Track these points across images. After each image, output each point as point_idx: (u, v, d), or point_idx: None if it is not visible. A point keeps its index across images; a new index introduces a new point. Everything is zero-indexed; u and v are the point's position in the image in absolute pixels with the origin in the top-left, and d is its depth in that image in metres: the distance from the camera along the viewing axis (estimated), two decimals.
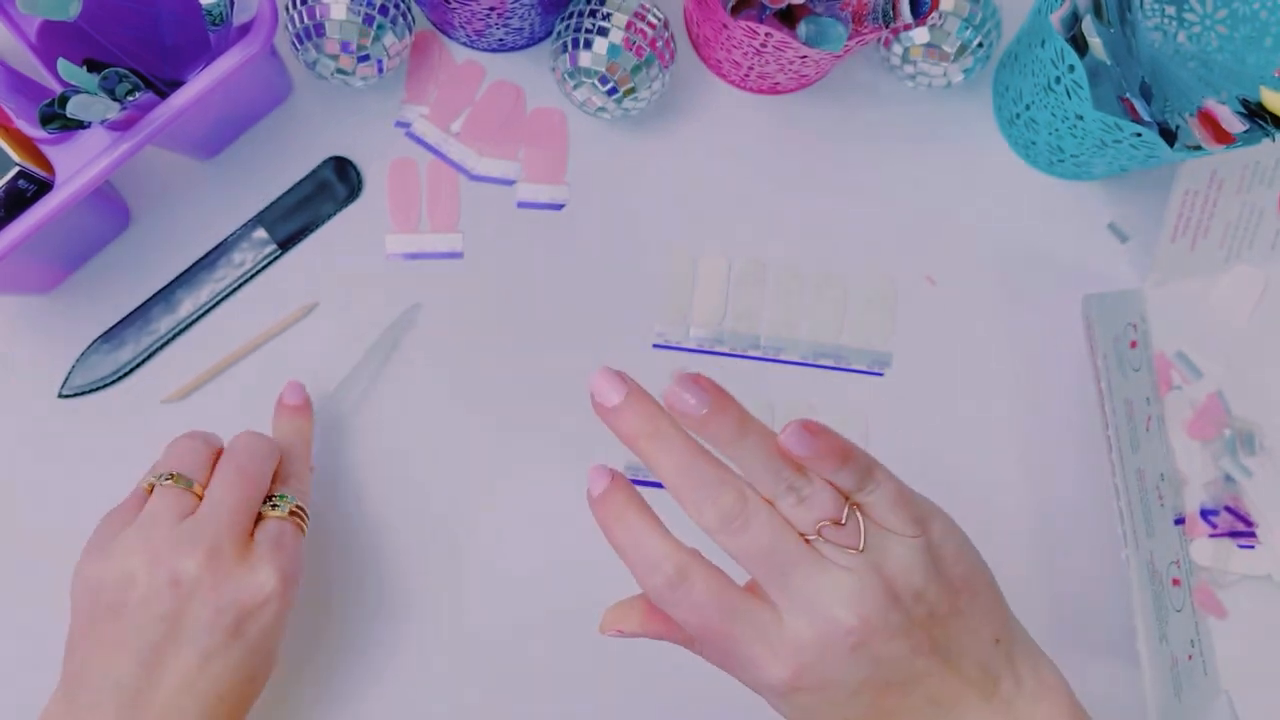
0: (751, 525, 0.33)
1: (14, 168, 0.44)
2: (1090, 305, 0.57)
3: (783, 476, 0.33)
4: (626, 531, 0.34)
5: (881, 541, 0.34)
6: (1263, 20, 0.52)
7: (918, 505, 0.35)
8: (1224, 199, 0.56)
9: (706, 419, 0.33)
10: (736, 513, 0.33)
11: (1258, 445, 0.53)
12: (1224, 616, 0.52)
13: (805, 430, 0.33)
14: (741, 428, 0.33)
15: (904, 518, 0.34)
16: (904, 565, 0.33)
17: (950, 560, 0.35)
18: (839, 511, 0.33)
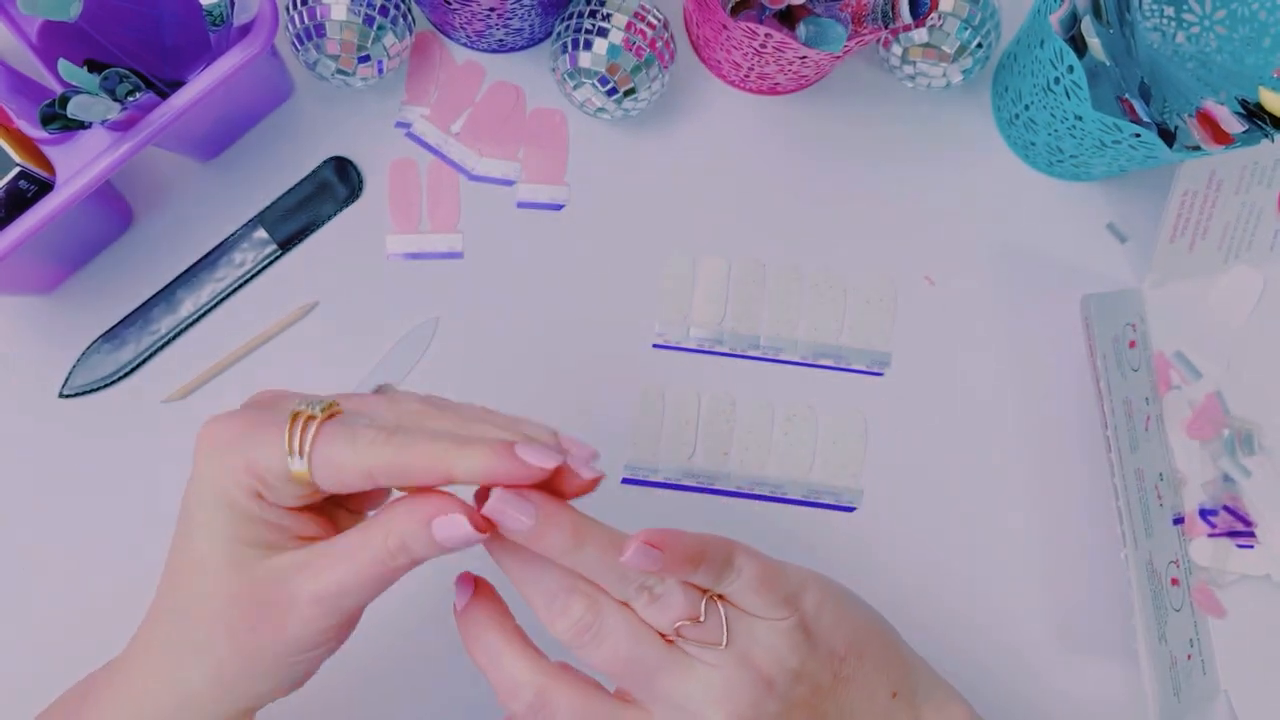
0: (607, 635, 0.32)
1: (15, 168, 0.44)
2: (1089, 305, 0.57)
3: (631, 578, 0.32)
4: (485, 652, 0.33)
5: (749, 630, 0.33)
6: (1261, 21, 0.52)
7: (786, 581, 0.34)
8: (1223, 199, 0.56)
9: (535, 535, 0.30)
10: (589, 623, 0.32)
11: (1256, 445, 0.53)
12: (1223, 616, 0.52)
13: (649, 546, 0.31)
14: (576, 538, 0.31)
15: (770, 601, 0.33)
16: (774, 650, 0.32)
17: (829, 629, 0.34)
18: (696, 608, 0.32)
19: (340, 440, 0.30)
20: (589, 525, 0.31)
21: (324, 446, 0.30)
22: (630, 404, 0.55)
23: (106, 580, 0.51)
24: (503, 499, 0.30)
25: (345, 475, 0.30)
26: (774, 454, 0.55)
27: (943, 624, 0.54)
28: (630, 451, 0.55)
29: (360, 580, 0.31)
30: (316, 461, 0.30)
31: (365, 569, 0.30)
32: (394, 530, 0.30)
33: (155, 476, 0.53)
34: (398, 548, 0.30)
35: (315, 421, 0.30)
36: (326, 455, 0.30)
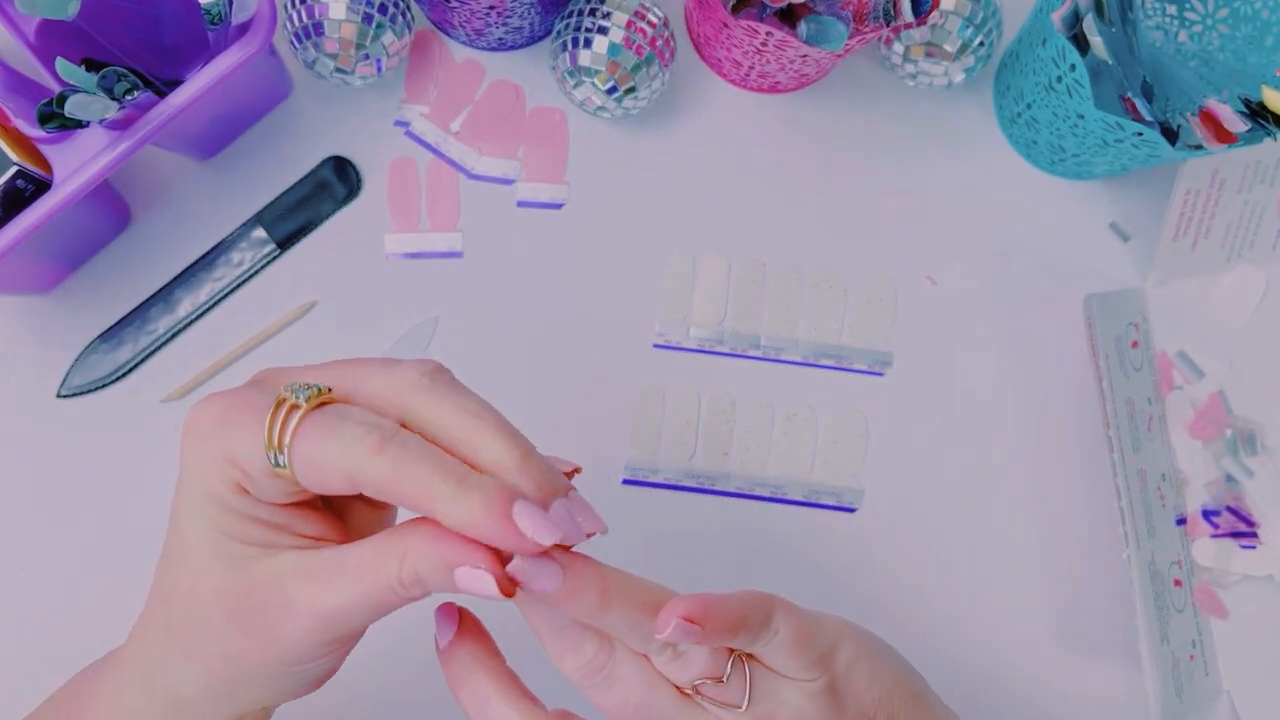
0: (619, 680, 0.30)
1: (12, 167, 0.44)
2: (1091, 305, 0.57)
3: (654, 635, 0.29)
4: (472, 698, 0.30)
5: (775, 691, 0.31)
6: (1264, 19, 0.52)
7: (820, 641, 0.32)
8: (1225, 198, 0.56)
9: (560, 598, 0.28)
10: (600, 664, 0.30)
11: (1259, 445, 0.53)
12: (1225, 617, 0.52)
13: (689, 623, 0.28)
14: (604, 600, 0.28)
15: (803, 663, 0.31)
16: (800, 713, 0.31)
17: (860, 689, 0.32)
18: (720, 668, 0.30)
19: (325, 436, 0.26)
20: (617, 585, 0.29)
21: (305, 442, 0.26)
22: (630, 404, 0.55)
23: (105, 580, 0.51)
24: (527, 561, 0.27)
25: (327, 478, 0.27)
26: (774, 454, 0.55)
27: (944, 625, 0.54)
28: (630, 451, 0.55)
29: (366, 603, 0.27)
30: (296, 459, 0.26)
31: (373, 593, 0.27)
32: (409, 560, 0.27)
33: (154, 476, 0.52)
34: (412, 580, 0.27)
35: (299, 411, 0.27)
36: (307, 452, 0.26)
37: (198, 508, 0.28)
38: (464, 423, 0.27)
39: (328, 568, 0.28)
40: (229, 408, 0.28)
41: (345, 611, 0.28)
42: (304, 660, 0.29)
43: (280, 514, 0.29)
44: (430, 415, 0.28)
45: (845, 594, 0.54)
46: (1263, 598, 0.52)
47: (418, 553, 0.27)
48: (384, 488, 0.26)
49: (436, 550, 0.27)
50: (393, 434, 0.26)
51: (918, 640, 0.54)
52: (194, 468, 0.28)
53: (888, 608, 0.54)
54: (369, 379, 0.29)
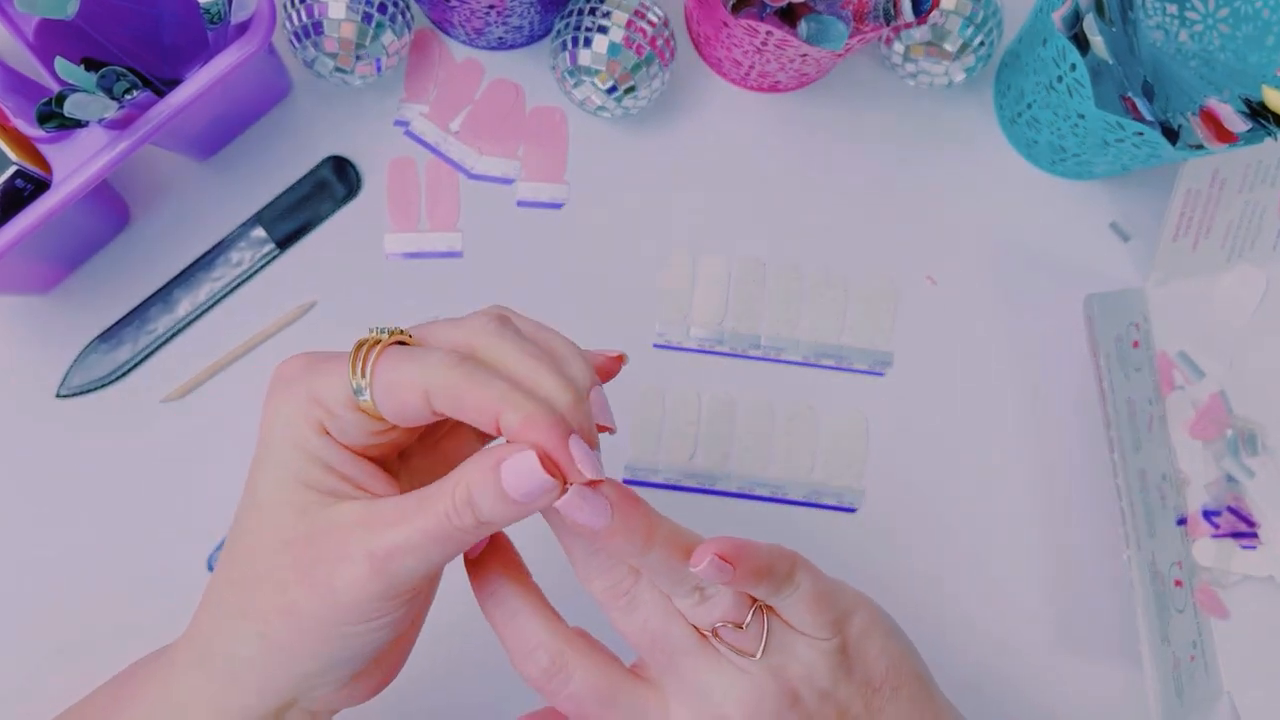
0: (641, 604, 0.31)
1: (11, 167, 0.44)
2: (1092, 305, 0.56)
3: (688, 580, 0.31)
4: (501, 609, 0.31)
5: (788, 643, 0.32)
6: (1265, 19, 0.52)
7: (837, 604, 0.33)
8: (1226, 198, 0.56)
9: (606, 536, 0.29)
10: (627, 588, 0.31)
11: (1260, 445, 0.53)
12: (1226, 617, 0.52)
13: (722, 560, 0.29)
14: (647, 542, 0.29)
15: (819, 621, 0.32)
16: (810, 668, 0.32)
17: (871, 658, 0.33)
18: (742, 614, 0.31)
19: (403, 359, 0.28)
20: (659, 526, 0.30)
21: (386, 365, 0.28)
22: (630, 404, 0.55)
23: (105, 580, 0.51)
24: (580, 494, 0.28)
25: (404, 394, 0.28)
26: (775, 454, 0.55)
27: (944, 625, 0.54)
28: (630, 451, 0.55)
29: (420, 539, 0.28)
30: (378, 382, 0.28)
31: (427, 526, 0.28)
32: (461, 481, 0.28)
33: (154, 476, 0.52)
34: (463, 501, 0.28)
35: (381, 345, 0.29)
36: (387, 374, 0.28)
37: (275, 455, 0.29)
38: (526, 364, 0.29)
39: (385, 512, 0.29)
40: (314, 357, 0.30)
41: (400, 551, 0.28)
42: (358, 616, 0.29)
43: (353, 464, 0.30)
44: (496, 355, 0.29)
45: None
46: (1263, 598, 0.52)
47: (465, 472, 0.28)
48: (459, 395, 0.27)
49: (481, 460, 0.28)
50: (467, 357, 0.28)
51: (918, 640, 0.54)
52: (278, 412, 0.29)
53: (888, 608, 0.54)
54: (440, 331, 0.31)
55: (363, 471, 0.30)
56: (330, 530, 0.29)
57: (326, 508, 0.29)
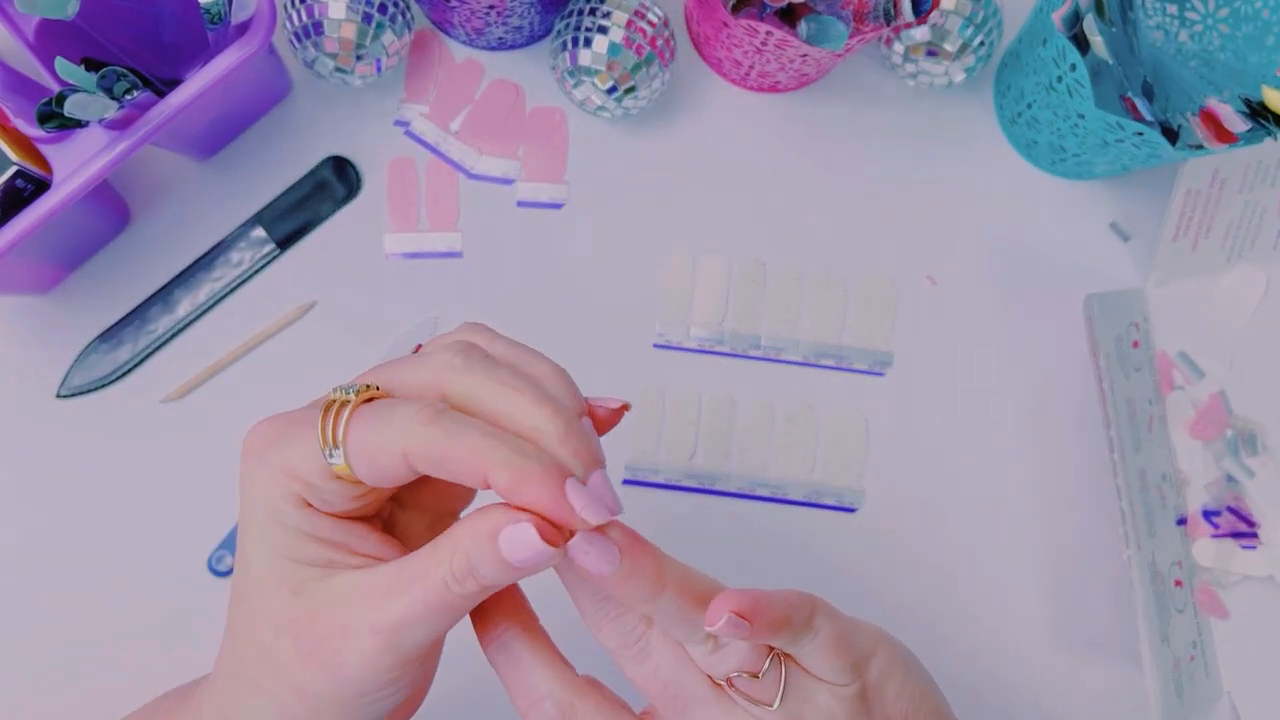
0: (653, 652, 0.30)
1: (11, 167, 0.44)
2: (1092, 305, 0.56)
3: (700, 626, 0.29)
4: (506, 656, 0.30)
5: (806, 691, 0.31)
6: (1265, 19, 0.52)
7: (856, 647, 0.32)
8: (1226, 198, 0.56)
9: (614, 582, 0.28)
10: (639, 636, 0.30)
11: (1260, 445, 0.53)
12: (1226, 617, 0.52)
13: (739, 617, 0.28)
14: (658, 587, 0.28)
15: (838, 666, 0.31)
16: (828, 716, 0.30)
17: (890, 699, 0.32)
18: (758, 663, 0.30)
19: (376, 422, 0.26)
20: (669, 571, 0.28)
21: (358, 430, 0.26)
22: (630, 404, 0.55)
23: (105, 580, 0.51)
24: (586, 539, 0.27)
25: (384, 461, 0.26)
26: (775, 454, 0.55)
27: (944, 625, 0.54)
28: (630, 452, 0.55)
29: (423, 610, 0.27)
30: (352, 449, 0.26)
31: (429, 596, 0.27)
32: (459, 549, 0.27)
33: (154, 476, 0.52)
34: (463, 571, 0.26)
35: (350, 405, 0.27)
36: (361, 439, 0.26)
37: (260, 533, 0.28)
38: (502, 395, 0.28)
39: (383, 582, 0.27)
40: (280, 424, 0.28)
41: (404, 624, 0.27)
42: (371, 689, 0.28)
43: (340, 531, 0.29)
44: (468, 393, 0.28)
45: (845, 594, 0.54)
46: (1263, 598, 0.52)
47: (463, 539, 0.27)
48: (439, 455, 0.26)
49: (478, 528, 0.26)
50: (441, 409, 0.27)
51: (918, 640, 0.54)
52: (254, 489, 0.28)
53: (888, 608, 0.54)
54: (405, 372, 0.29)
55: (353, 535, 0.29)
56: (330, 607, 0.28)
57: (323, 581, 0.28)
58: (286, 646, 0.28)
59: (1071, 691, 0.54)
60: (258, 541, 0.28)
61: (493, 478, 0.26)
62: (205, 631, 0.51)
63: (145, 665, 0.50)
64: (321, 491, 0.28)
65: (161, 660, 0.50)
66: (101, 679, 0.50)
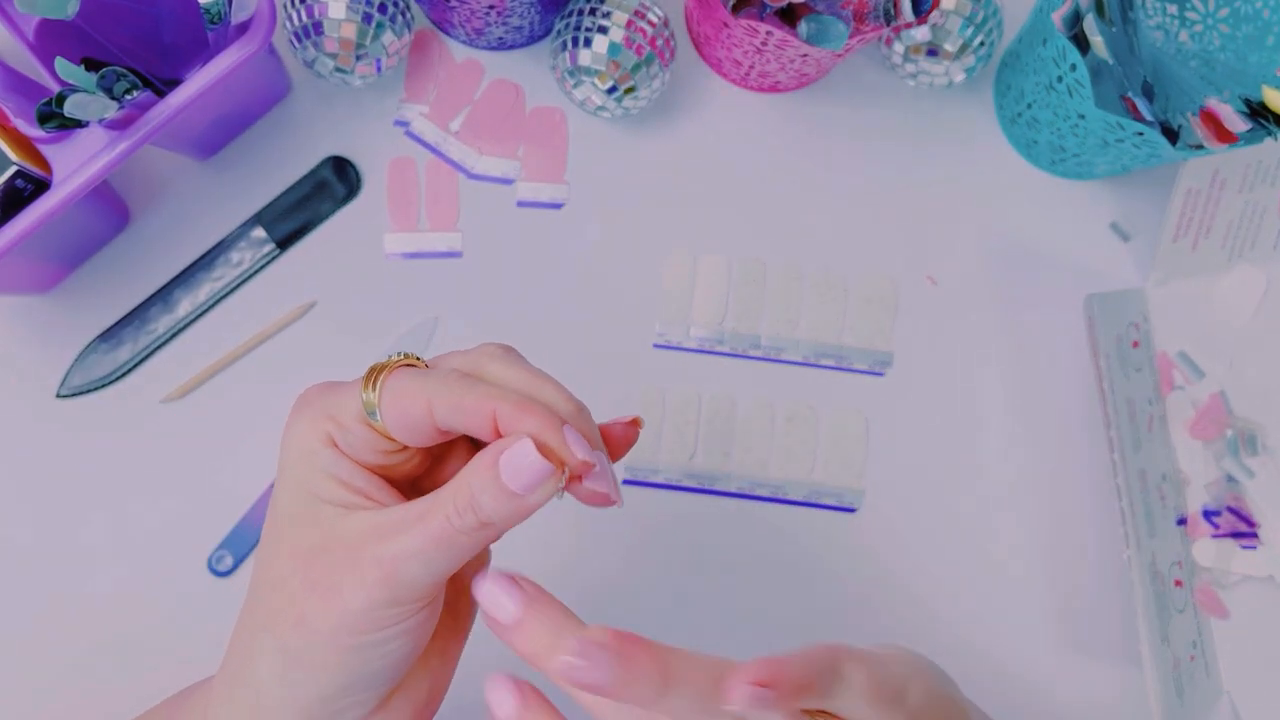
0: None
1: (11, 167, 0.44)
2: (1092, 305, 0.56)
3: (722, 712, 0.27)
4: None
5: None
6: (1265, 19, 0.52)
7: (891, 683, 0.30)
8: (1226, 198, 0.56)
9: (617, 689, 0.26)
10: None
11: (1260, 445, 0.53)
12: (1226, 617, 0.52)
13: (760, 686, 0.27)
14: (664, 682, 0.26)
15: (880, 710, 0.29)
16: None
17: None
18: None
19: (410, 375, 0.30)
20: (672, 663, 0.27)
21: (395, 381, 0.29)
22: (630, 404, 0.55)
23: (105, 579, 0.51)
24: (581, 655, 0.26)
25: (408, 405, 0.29)
26: (775, 454, 0.55)
27: (944, 625, 0.54)
28: (630, 452, 0.54)
29: (423, 542, 0.28)
30: (385, 396, 0.29)
31: (430, 529, 0.28)
32: (462, 483, 0.28)
33: (154, 476, 0.52)
34: (465, 503, 0.28)
35: (391, 367, 0.30)
36: (394, 388, 0.29)
37: (291, 472, 0.31)
38: (529, 380, 0.31)
39: (392, 520, 0.29)
40: (333, 382, 0.32)
41: (404, 556, 0.28)
42: (367, 627, 0.29)
43: (363, 478, 0.31)
44: (499, 374, 0.31)
45: (845, 594, 0.54)
46: (1263, 598, 0.52)
47: (466, 473, 0.28)
48: (457, 403, 0.29)
49: (481, 459, 0.28)
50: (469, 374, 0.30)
51: (918, 640, 0.54)
52: (292, 435, 0.31)
53: (888, 608, 0.54)
54: (450, 357, 0.32)
55: (372, 484, 0.31)
56: (340, 541, 0.29)
57: (338, 520, 0.30)
58: (297, 576, 0.29)
59: (1071, 691, 0.54)
60: (287, 480, 0.31)
61: (500, 412, 0.28)
62: (205, 631, 0.51)
63: (145, 665, 0.50)
64: (351, 435, 0.30)
65: (162, 660, 0.50)
66: (102, 679, 0.50)
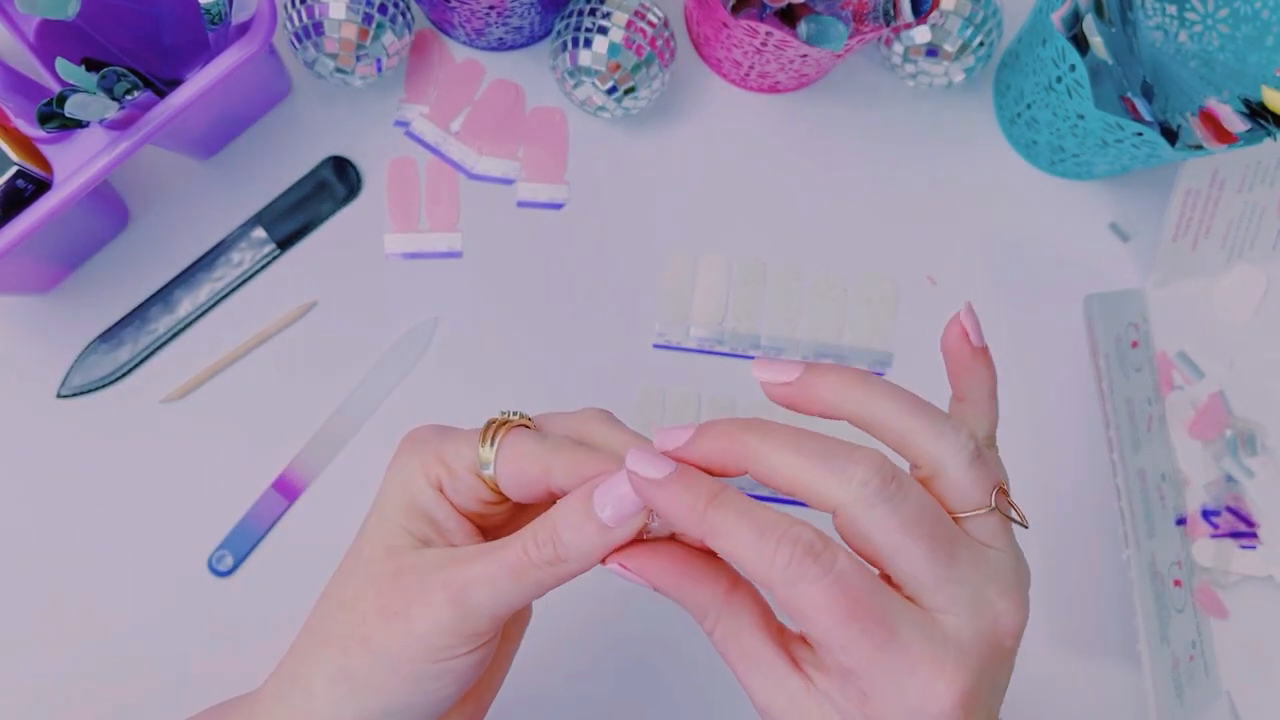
0: (910, 490, 0.27)
1: (12, 167, 0.44)
2: (1091, 305, 0.57)
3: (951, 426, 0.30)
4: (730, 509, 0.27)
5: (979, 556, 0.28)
6: (1264, 20, 0.52)
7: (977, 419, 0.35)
8: (1225, 198, 0.56)
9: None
10: (890, 475, 0.27)
11: (1259, 445, 0.53)
12: (1225, 617, 0.52)
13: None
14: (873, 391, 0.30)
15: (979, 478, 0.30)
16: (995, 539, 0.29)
17: None
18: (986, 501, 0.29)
19: (528, 437, 0.30)
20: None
21: (512, 440, 0.30)
22: (630, 404, 0.55)
23: (105, 579, 0.51)
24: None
25: (527, 467, 0.30)
26: None
27: None
28: None
29: (496, 570, 0.28)
30: (503, 455, 0.30)
31: (505, 558, 0.28)
32: (546, 518, 0.29)
33: (154, 476, 0.52)
34: (545, 535, 0.28)
35: (509, 425, 0.31)
36: (512, 445, 0.30)
37: (387, 501, 0.31)
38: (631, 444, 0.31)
39: (469, 552, 0.30)
40: (447, 426, 0.32)
41: (474, 583, 0.29)
42: (432, 652, 0.29)
43: (455, 522, 0.31)
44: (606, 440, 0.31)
45: None
46: (1262, 598, 0.52)
47: (555, 510, 0.29)
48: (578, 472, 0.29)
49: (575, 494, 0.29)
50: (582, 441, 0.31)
51: None
52: (402, 465, 0.31)
53: None
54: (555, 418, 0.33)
55: (462, 529, 0.31)
56: (416, 569, 0.30)
57: (419, 550, 0.30)
58: (368, 599, 0.30)
59: (1070, 691, 0.54)
60: (386, 510, 0.31)
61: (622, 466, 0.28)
62: (206, 631, 0.51)
63: (145, 665, 0.50)
64: (460, 484, 0.31)
65: (162, 660, 0.50)
66: (102, 679, 0.50)
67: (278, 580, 0.52)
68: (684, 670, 0.53)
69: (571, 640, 0.53)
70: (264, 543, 0.52)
